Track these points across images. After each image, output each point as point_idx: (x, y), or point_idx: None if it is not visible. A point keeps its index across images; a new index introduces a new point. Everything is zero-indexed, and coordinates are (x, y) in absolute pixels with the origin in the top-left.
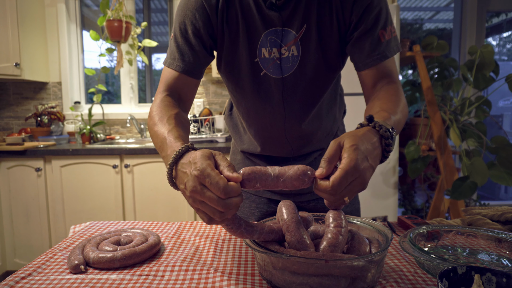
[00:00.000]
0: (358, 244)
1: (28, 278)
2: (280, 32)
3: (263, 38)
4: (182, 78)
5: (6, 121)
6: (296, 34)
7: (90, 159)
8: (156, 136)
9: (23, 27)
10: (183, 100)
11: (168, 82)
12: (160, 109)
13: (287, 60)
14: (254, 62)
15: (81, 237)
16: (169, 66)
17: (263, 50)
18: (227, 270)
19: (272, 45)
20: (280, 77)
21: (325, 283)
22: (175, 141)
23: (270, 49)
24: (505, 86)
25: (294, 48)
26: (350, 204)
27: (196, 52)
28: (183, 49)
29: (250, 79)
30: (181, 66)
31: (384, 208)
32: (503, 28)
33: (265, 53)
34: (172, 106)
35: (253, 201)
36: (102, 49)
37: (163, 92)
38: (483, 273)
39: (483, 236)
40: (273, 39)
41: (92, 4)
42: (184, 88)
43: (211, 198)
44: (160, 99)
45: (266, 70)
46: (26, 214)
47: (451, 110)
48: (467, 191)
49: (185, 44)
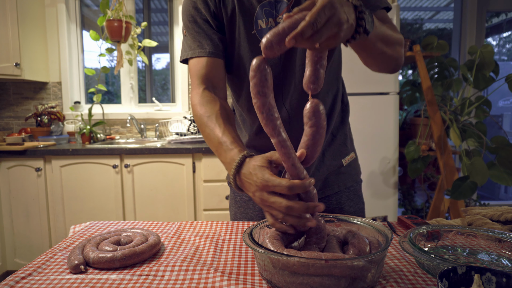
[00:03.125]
0: (358, 244)
1: (28, 278)
2: (273, 3)
3: (259, 10)
4: (209, 62)
5: (6, 121)
6: (287, 2)
7: (90, 159)
8: (209, 139)
9: (23, 27)
10: (218, 87)
11: (199, 74)
12: (204, 107)
13: None
14: (252, 34)
15: (81, 237)
16: (192, 56)
17: (259, 21)
18: (227, 270)
19: (268, 16)
20: None
21: (325, 283)
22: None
23: (267, 19)
24: (505, 86)
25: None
26: (354, 204)
27: (211, 37)
28: (199, 37)
29: (249, 53)
30: (202, 51)
31: (384, 208)
32: (503, 28)
33: (262, 24)
34: (213, 100)
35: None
36: (102, 49)
37: (199, 86)
38: (483, 273)
39: (483, 236)
40: (268, 10)
41: (92, 4)
42: (214, 73)
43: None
44: (199, 95)
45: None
46: (26, 214)
47: (451, 110)
48: (467, 191)
49: (199, 33)
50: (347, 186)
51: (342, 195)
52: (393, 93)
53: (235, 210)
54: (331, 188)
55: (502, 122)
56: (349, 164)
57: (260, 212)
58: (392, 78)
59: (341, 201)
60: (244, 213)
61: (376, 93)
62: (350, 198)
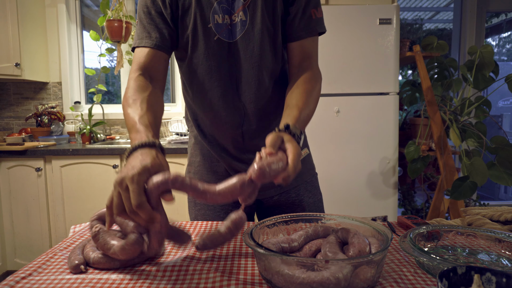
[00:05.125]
0: (358, 244)
1: (28, 278)
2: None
3: (216, 6)
4: (152, 54)
5: (6, 121)
6: (243, 1)
7: (90, 159)
8: (128, 118)
9: (24, 27)
10: (156, 79)
11: (139, 61)
12: (134, 90)
13: (237, 25)
14: (208, 27)
15: (81, 237)
16: (139, 45)
17: (215, 16)
18: (227, 270)
19: (224, 12)
20: (232, 41)
21: (325, 283)
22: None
23: (223, 15)
24: (504, 86)
25: (242, 13)
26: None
27: (160, 29)
28: (149, 28)
29: (204, 45)
30: (149, 42)
31: (384, 208)
32: (502, 28)
33: (218, 19)
34: (145, 86)
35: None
36: (102, 49)
37: (135, 71)
38: (483, 273)
39: (483, 236)
40: (225, 7)
41: (92, 4)
42: (155, 65)
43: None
44: (133, 79)
45: (219, 35)
46: (26, 214)
47: (451, 110)
48: (467, 191)
49: (150, 23)
50: (305, 179)
51: (300, 188)
52: (393, 93)
53: (195, 212)
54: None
55: (502, 122)
56: (304, 159)
57: (221, 213)
58: (392, 78)
59: (300, 193)
60: (205, 215)
61: (376, 93)
62: (308, 190)
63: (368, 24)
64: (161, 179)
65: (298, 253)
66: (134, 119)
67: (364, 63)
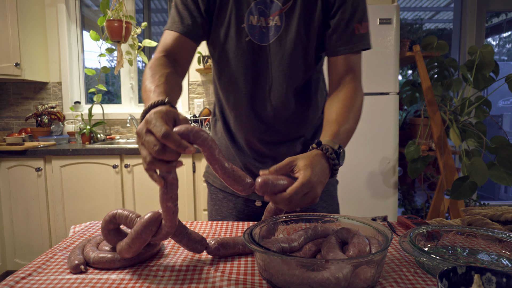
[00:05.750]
0: (358, 244)
1: (28, 278)
2: (268, 2)
3: (253, 6)
4: (180, 40)
5: (6, 121)
6: (281, 6)
7: (90, 159)
8: (144, 90)
9: (23, 27)
10: (179, 63)
11: (166, 44)
12: (154, 66)
13: (270, 29)
14: (241, 27)
15: (81, 237)
16: (169, 29)
17: (250, 17)
18: (227, 270)
19: (260, 14)
20: (263, 44)
21: (325, 283)
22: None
23: (258, 17)
24: (505, 86)
25: (278, 18)
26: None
27: (194, 17)
28: (183, 13)
29: (234, 44)
30: (180, 27)
31: (384, 208)
32: (503, 28)
33: (253, 20)
34: (166, 65)
35: (231, 200)
36: (102, 49)
37: (159, 52)
38: (483, 273)
39: (483, 236)
40: (262, 9)
41: (92, 4)
42: (181, 51)
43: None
44: (155, 58)
45: (251, 37)
46: (26, 214)
47: (451, 110)
48: (467, 191)
49: (185, 9)
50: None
51: None
52: (393, 93)
53: (211, 208)
54: None
55: (502, 122)
56: None
57: (234, 210)
58: (392, 78)
59: None
60: (218, 211)
61: (376, 93)
62: (323, 199)
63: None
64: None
65: (298, 253)
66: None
67: (364, 63)
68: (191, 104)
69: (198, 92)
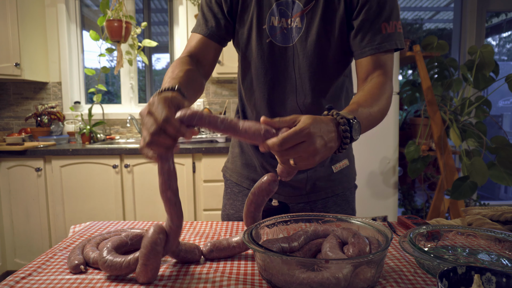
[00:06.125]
0: (358, 244)
1: (28, 278)
2: (290, 3)
3: (274, 7)
4: (204, 42)
5: (6, 121)
6: (303, 7)
7: (90, 159)
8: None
9: (23, 27)
10: (202, 64)
11: (191, 46)
12: (176, 64)
13: (291, 31)
14: (262, 28)
15: (81, 237)
16: (194, 31)
17: (272, 18)
18: (227, 270)
19: (281, 15)
20: (284, 45)
21: (325, 283)
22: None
23: (280, 18)
24: (505, 86)
25: (299, 20)
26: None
27: (218, 19)
28: (207, 16)
29: (256, 46)
30: (204, 30)
31: (384, 208)
32: (503, 28)
33: (274, 21)
34: (188, 63)
35: (246, 195)
36: (102, 49)
37: (184, 53)
38: (483, 273)
39: (483, 236)
40: (283, 10)
41: (92, 4)
42: (205, 52)
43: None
44: (179, 58)
45: (272, 38)
46: (26, 214)
47: (451, 110)
48: (467, 191)
49: (209, 11)
50: (336, 192)
51: (329, 201)
52: (393, 93)
53: (225, 201)
54: (319, 194)
55: (502, 122)
56: (340, 171)
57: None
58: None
59: (328, 205)
60: (232, 205)
61: None
62: (337, 204)
63: None
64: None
65: (298, 253)
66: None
67: None
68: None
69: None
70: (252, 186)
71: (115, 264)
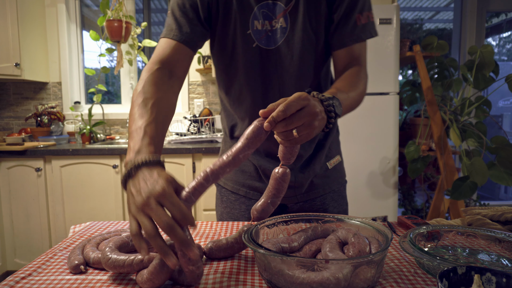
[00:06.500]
0: (358, 244)
1: (28, 278)
2: (271, 5)
3: (256, 11)
4: (178, 48)
5: (6, 121)
6: (285, 7)
7: (90, 159)
8: (133, 120)
9: (23, 27)
10: (176, 75)
11: (163, 53)
12: (148, 86)
13: (277, 32)
14: (247, 34)
15: (81, 237)
16: (166, 36)
17: (255, 22)
18: (227, 270)
19: (264, 18)
20: (271, 48)
21: (325, 283)
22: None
23: (263, 21)
24: (505, 86)
25: (283, 20)
26: (338, 205)
27: (193, 25)
28: (181, 21)
29: (242, 52)
30: (178, 35)
31: (384, 208)
32: (502, 28)
33: (258, 25)
34: (161, 83)
35: (243, 203)
36: (102, 49)
37: (155, 64)
38: (483, 273)
39: (483, 236)
40: (265, 12)
41: (92, 4)
42: (179, 60)
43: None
44: (150, 72)
45: (258, 42)
46: (26, 214)
47: (451, 110)
48: (467, 191)
49: (183, 17)
50: (333, 188)
51: (327, 197)
52: (393, 93)
53: (221, 210)
54: (317, 191)
55: (502, 122)
56: (334, 167)
57: (246, 213)
58: (392, 78)
59: (326, 202)
60: (230, 213)
61: (376, 93)
62: (334, 199)
63: None
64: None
65: (298, 253)
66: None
67: None
68: (191, 104)
69: (198, 92)
70: (249, 194)
71: (119, 261)
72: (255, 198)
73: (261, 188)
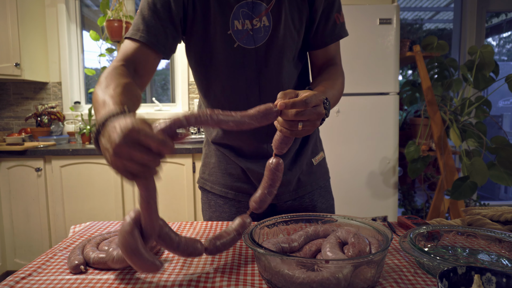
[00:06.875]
0: (358, 244)
1: (28, 278)
2: (250, 4)
3: (236, 11)
4: (144, 50)
5: (6, 121)
6: (266, 6)
7: (90, 159)
8: (96, 100)
9: (23, 27)
10: (139, 74)
11: (127, 53)
12: (110, 76)
13: (259, 31)
14: (227, 34)
15: (81, 237)
16: (132, 37)
17: (235, 22)
18: (227, 270)
19: (244, 17)
20: (253, 47)
21: (325, 283)
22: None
23: (243, 20)
24: (505, 86)
25: (265, 18)
26: (325, 200)
27: (164, 27)
28: (149, 21)
29: (223, 53)
30: (145, 37)
31: (384, 208)
32: (502, 28)
33: (238, 25)
34: (124, 75)
35: (233, 205)
36: (102, 49)
37: (118, 61)
38: (483, 273)
39: (483, 236)
40: (245, 11)
41: (92, 4)
42: (143, 62)
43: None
44: (113, 67)
45: (239, 42)
46: (26, 214)
47: (451, 110)
48: (467, 191)
49: (153, 17)
50: (320, 185)
51: (315, 193)
52: (393, 93)
53: (210, 214)
54: (305, 188)
55: (502, 122)
56: (319, 163)
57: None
58: (392, 78)
59: (314, 198)
60: (219, 217)
61: (376, 93)
62: (322, 195)
63: (368, 24)
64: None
65: (298, 253)
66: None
67: (364, 63)
68: (191, 104)
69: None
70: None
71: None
72: (245, 200)
73: (249, 189)
